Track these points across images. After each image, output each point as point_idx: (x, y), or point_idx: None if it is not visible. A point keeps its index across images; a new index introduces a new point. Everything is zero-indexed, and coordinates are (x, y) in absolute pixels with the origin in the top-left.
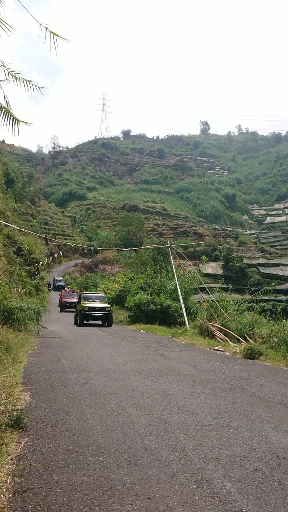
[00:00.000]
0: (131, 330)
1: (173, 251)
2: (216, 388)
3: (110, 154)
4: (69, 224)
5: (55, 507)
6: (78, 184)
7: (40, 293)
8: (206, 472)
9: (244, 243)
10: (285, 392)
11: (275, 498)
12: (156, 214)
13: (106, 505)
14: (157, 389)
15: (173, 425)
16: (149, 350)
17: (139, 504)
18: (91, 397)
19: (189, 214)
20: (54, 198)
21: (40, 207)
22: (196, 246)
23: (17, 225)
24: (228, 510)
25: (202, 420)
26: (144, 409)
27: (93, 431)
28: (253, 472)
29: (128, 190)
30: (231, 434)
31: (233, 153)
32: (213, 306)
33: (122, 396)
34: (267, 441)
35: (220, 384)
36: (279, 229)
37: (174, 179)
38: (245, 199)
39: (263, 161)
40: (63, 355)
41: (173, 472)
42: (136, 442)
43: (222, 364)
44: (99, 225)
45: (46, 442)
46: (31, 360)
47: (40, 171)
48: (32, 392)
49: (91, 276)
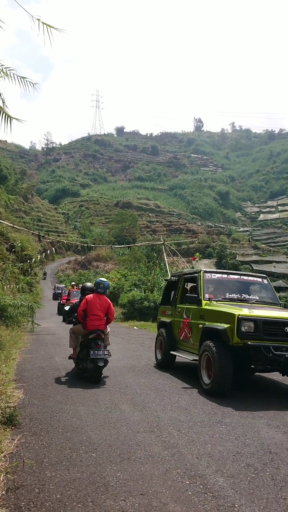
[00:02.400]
0: (124, 327)
1: (166, 248)
2: None
3: (104, 150)
4: (62, 221)
5: (48, 504)
6: (71, 180)
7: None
8: (199, 468)
9: (237, 240)
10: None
11: (267, 493)
12: (150, 211)
13: (100, 501)
14: (151, 385)
15: (166, 422)
16: (143, 347)
17: (132, 500)
18: (84, 393)
19: (183, 211)
20: (47, 195)
21: (33, 203)
22: (190, 243)
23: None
24: (221, 505)
25: (195, 417)
26: (137, 406)
27: (86, 427)
28: (246, 467)
29: (121, 187)
30: (224, 430)
31: (226, 150)
32: None
33: (115, 393)
34: (260, 437)
35: None
36: (272, 226)
37: (167, 176)
38: (238, 196)
39: (256, 158)
40: (56, 352)
41: (166, 468)
42: (129, 438)
43: None
44: (92, 222)
45: (39, 439)
46: (24, 357)
47: (33, 168)
48: (25, 389)
49: (84, 273)
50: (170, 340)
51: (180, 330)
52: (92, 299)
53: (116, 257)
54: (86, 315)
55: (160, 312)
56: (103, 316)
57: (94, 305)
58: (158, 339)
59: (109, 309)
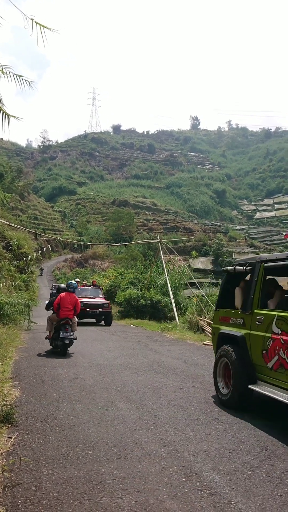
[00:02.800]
0: (121, 325)
1: (163, 246)
2: (205, 382)
3: (100, 148)
4: (59, 219)
5: (45, 502)
6: (68, 178)
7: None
8: (195, 465)
9: (234, 238)
10: None
11: (263, 490)
12: (146, 209)
13: (96, 499)
14: (147, 383)
15: (163, 419)
16: (139, 345)
17: (129, 497)
18: (81, 392)
19: (179, 209)
20: (43, 193)
21: (29, 201)
22: (186, 241)
23: (6, 220)
24: (217, 502)
25: (191, 414)
26: (134, 404)
27: (83, 425)
28: (242, 464)
29: (118, 185)
30: (220, 428)
31: (223, 148)
32: (202, 301)
33: (112, 391)
34: (256, 434)
35: (209, 378)
36: (268, 225)
37: (164, 174)
38: (235, 194)
39: (253, 156)
40: (53, 350)
41: (163, 465)
42: (126, 436)
43: (212, 358)
44: (89, 220)
45: (36, 437)
46: (21, 355)
47: (30, 166)
48: (22, 387)
49: (81, 271)
50: (245, 366)
51: (266, 352)
52: (64, 296)
53: (113, 255)
54: (60, 307)
55: (218, 318)
56: (72, 308)
57: (66, 300)
58: (221, 362)
59: (76, 304)
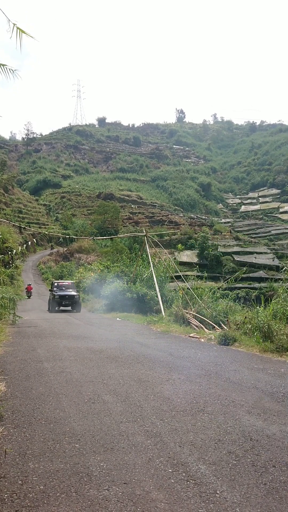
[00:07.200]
0: (107, 319)
1: (148, 240)
2: (191, 374)
3: (85, 141)
4: (44, 212)
5: (31, 495)
6: (53, 171)
7: (15, 282)
8: (181, 456)
9: (219, 232)
10: (258, 377)
11: (248, 479)
12: (132, 203)
13: (83, 491)
14: (133, 376)
15: (149, 411)
16: (125, 338)
17: (116, 489)
18: (67, 385)
19: (165, 202)
20: (28, 186)
21: (13, 195)
22: (172, 234)
23: None
24: (203, 492)
25: (177, 406)
26: (120, 396)
27: (69, 419)
28: (227, 455)
29: (103, 178)
30: (206, 419)
31: (208, 141)
32: (188, 294)
33: (98, 384)
34: (241, 425)
35: (195, 370)
36: (253, 218)
37: (149, 167)
38: (220, 188)
39: (238, 150)
40: (38, 345)
41: (149, 457)
42: (113, 428)
43: (197, 350)
44: (74, 213)
45: (22, 431)
46: (6, 350)
47: (14, 159)
48: (7, 381)
49: (66, 265)
50: None
51: None
52: None
53: (99, 249)
54: None
55: None
56: None
57: None
58: None
59: None
